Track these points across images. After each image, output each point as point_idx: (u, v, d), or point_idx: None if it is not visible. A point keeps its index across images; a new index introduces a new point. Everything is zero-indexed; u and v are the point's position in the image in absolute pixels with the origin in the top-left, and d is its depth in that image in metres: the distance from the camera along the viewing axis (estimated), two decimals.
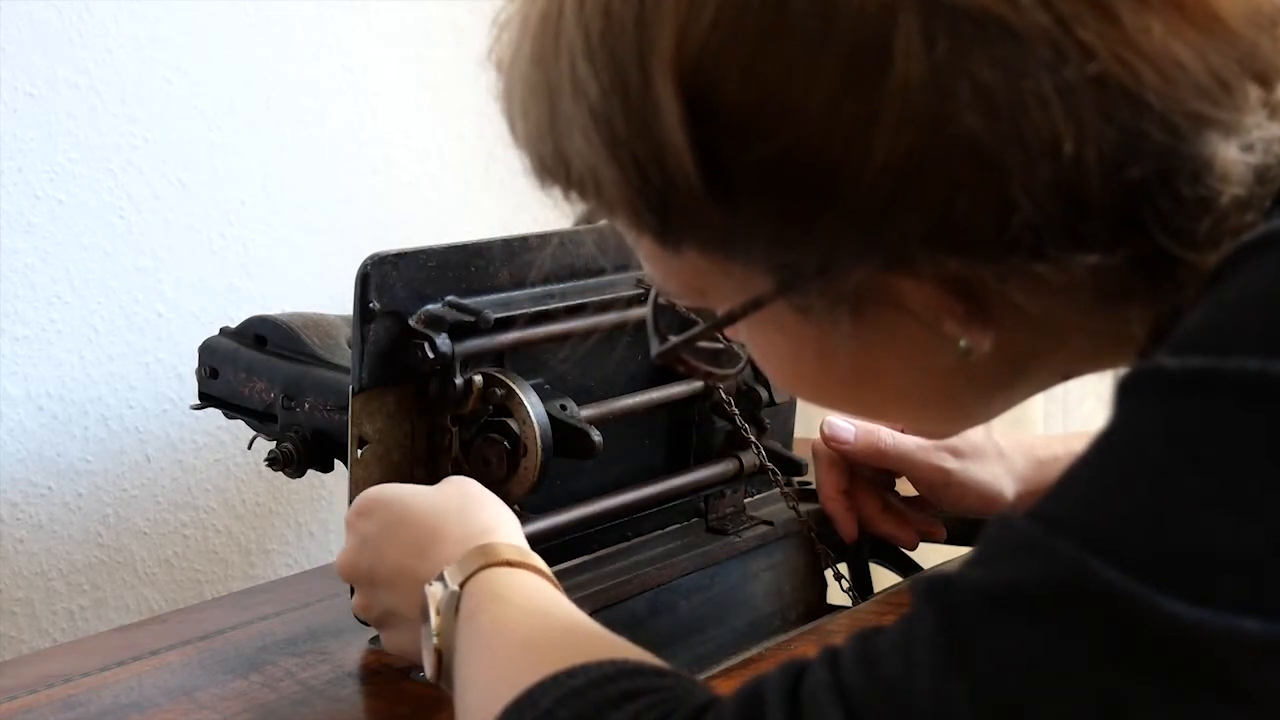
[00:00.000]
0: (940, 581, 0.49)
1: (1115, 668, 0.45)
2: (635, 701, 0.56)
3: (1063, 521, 0.47)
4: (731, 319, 0.57)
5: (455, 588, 0.68)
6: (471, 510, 0.75)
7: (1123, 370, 0.50)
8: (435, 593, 0.69)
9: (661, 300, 0.66)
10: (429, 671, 0.70)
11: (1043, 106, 0.48)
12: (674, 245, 0.55)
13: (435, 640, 0.68)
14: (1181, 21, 0.49)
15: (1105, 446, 0.49)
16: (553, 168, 0.56)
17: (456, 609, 0.68)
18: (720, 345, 0.70)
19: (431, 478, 0.85)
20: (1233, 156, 0.50)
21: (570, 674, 0.59)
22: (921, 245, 0.50)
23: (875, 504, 1.00)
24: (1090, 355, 0.58)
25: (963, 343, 0.54)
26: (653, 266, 0.59)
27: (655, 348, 0.64)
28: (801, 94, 0.49)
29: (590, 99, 0.52)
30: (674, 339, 0.63)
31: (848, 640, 0.52)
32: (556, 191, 0.57)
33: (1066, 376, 0.60)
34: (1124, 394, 0.49)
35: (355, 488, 0.84)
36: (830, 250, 0.52)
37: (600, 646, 0.62)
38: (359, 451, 0.84)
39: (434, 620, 0.68)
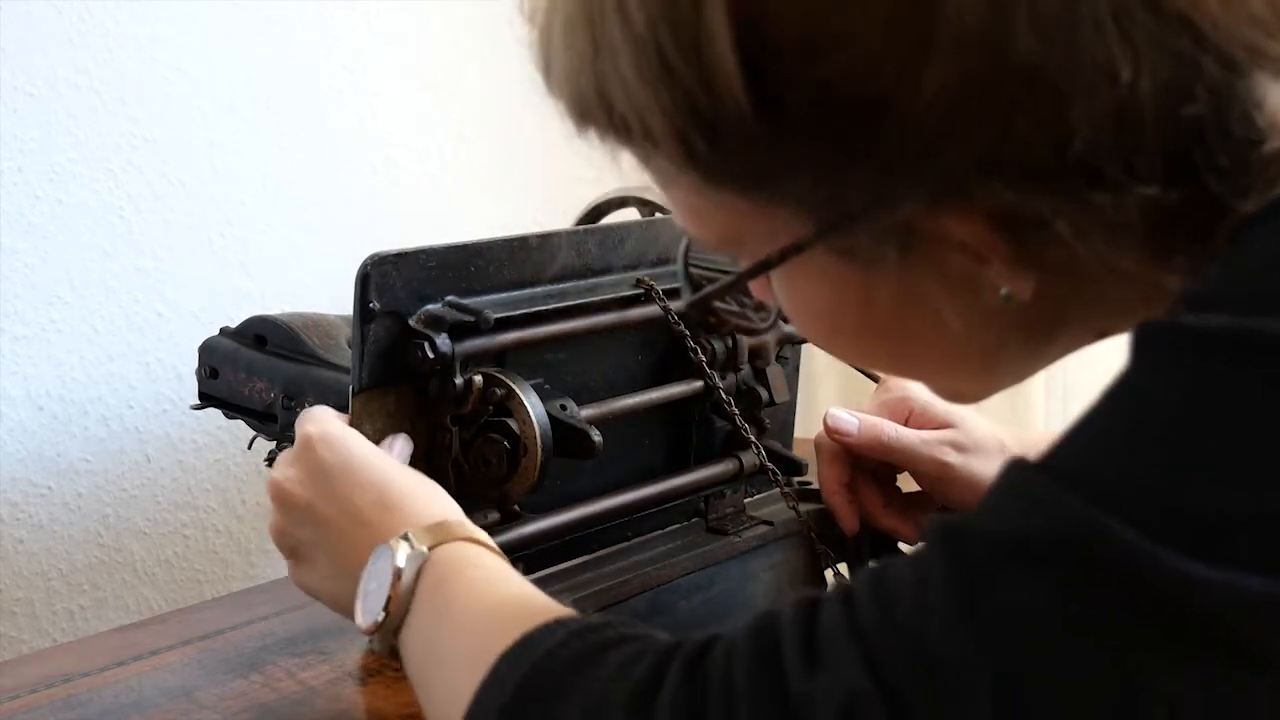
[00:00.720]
0: (953, 528, 0.50)
1: (1122, 623, 0.45)
2: (633, 644, 0.57)
3: (1072, 475, 0.47)
4: (769, 265, 0.56)
5: (424, 549, 0.69)
6: (436, 490, 0.76)
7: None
8: (403, 550, 0.69)
9: (693, 256, 0.65)
10: (363, 623, 0.70)
11: (1098, 30, 0.47)
12: (715, 182, 0.54)
13: (389, 596, 0.68)
14: None
15: (1118, 399, 0.49)
16: (593, 106, 0.54)
17: (417, 573, 0.68)
18: (749, 303, 0.69)
19: (432, 477, 0.85)
20: None
21: (562, 622, 0.60)
22: (975, 174, 0.50)
23: (877, 498, 1.00)
24: (1127, 309, 0.56)
25: (1004, 290, 0.54)
26: (687, 216, 0.58)
27: (686, 297, 0.63)
28: (854, 18, 0.48)
29: (637, 27, 0.51)
30: (708, 287, 0.61)
31: (860, 579, 0.52)
32: (593, 135, 0.56)
33: (1101, 335, 0.59)
34: (1141, 346, 0.49)
35: None
36: (881, 181, 0.51)
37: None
38: None
39: (398, 578, 0.68)
